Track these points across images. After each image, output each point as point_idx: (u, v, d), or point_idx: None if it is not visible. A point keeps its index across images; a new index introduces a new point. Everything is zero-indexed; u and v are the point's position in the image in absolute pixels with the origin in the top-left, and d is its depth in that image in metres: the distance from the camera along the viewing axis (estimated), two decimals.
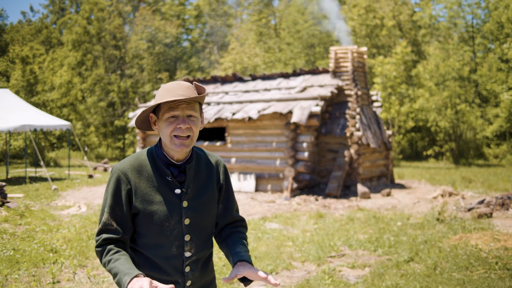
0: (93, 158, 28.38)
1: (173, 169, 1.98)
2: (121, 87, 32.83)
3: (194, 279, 2.01)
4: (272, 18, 39.80)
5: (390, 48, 30.66)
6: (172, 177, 1.96)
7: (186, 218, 1.97)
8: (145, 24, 33.95)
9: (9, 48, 33.39)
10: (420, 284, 4.99)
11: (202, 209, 2.02)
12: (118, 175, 1.94)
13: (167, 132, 1.92)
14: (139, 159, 1.99)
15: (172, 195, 1.96)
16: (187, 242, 1.98)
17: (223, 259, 6.02)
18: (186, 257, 1.98)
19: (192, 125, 1.93)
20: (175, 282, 1.97)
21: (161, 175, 1.97)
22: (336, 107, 13.61)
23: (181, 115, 1.92)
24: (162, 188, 1.95)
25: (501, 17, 26.26)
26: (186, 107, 1.92)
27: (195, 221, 2.00)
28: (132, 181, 1.94)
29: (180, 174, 1.98)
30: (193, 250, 1.99)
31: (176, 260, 1.97)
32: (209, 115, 13.63)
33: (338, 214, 9.64)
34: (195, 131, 1.94)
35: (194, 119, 1.94)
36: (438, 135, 27.28)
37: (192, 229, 1.99)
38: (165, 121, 1.93)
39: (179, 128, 1.91)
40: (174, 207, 1.96)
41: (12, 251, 6.04)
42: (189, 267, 1.99)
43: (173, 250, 1.96)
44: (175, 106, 1.91)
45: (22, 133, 22.39)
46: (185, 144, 1.92)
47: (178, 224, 1.96)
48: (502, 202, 9.43)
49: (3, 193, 9.43)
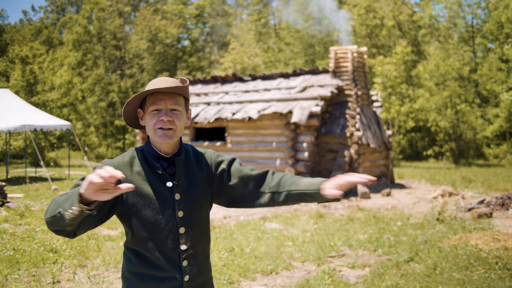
0: (93, 158, 28.38)
1: (163, 162, 1.98)
2: (121, 87, 32.84)
3: (192, 274, 2.00)
4: (272, 18, 39.80)
5: (390, 48, 30.66)
6: (162, 170, 1.97)
7: (179, 211, 1.97)
8: (146, 24, 33.95)
9: (9, 48, 33.40)
10: (420, 284, 4.99)
11: (195, 202, 2.02)
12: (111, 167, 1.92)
13: (150, 125, 1.94)
14: (129, 156, 2.00)
15: (164, 188, 1.97)
16: (182, 235, 1.97)
17: (223, 259, 6.02)
18: (182, 250, 1.97)
19: (174, 118, 1.94)
20: (173, 278, 1.96)
21: (152, 169, 1.97)
22: (336, 107, 13.61)
23: (164, 108, 1.93)
24: (153, 182, 1.96)
25: (501, 17, 26.26)
26: (169, 101, 1.94)
27: (189, 214, 2.00)
28: (122, 179, 1.91)
29: (170, 167, 1.99)
30: (189, 243, 1.99)
31: (172, 253, 1.96)
32: (209, 115, 13.62)
33: (338, 214, 9.64)
34: (178, 125, 1.95)
35: (177, 113, 1.96)
36: (438, 135, 27.28)
37: (187, 222, 1.99)
38: (149, 114, 1.95)
39: (161, 120, 1.92)
40: (167, 200, 1.96)
41: (12, 251, 6.04)
42: (186, 261, 1.98)
43: (168, 243, 1.96)
44: (158, 100, 1.93)
45: (22, 133, 22.40)
46: (167, 135, 1.93)
47: (171, 217, 1.96)
48: (502, 202, 9.43)
49: (3, 193, 9.43)
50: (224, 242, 6.97)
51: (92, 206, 1.67)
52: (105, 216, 1.90)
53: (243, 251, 6.44)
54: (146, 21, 33.96)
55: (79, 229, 1.80)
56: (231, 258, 6.10)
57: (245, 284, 5.17)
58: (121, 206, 1.94)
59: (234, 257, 6.13)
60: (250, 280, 5.31)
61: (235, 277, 5.33)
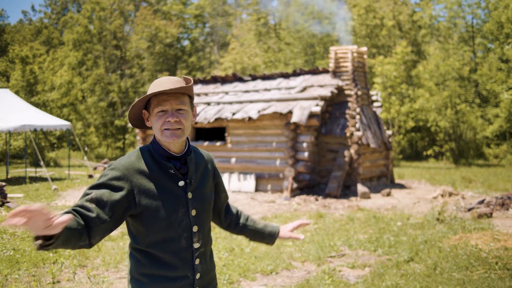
0: (93, 158, 28.38)
1: (175, 162, 1.99)
2: (121, 87, 32.83)
3: (203, 272, 2.04)
4: (271, 18, 39.80)
5: (390, 48, 30.66)
6: (175, 169, 1.98)
7: (192, 209, 2.00)
8: (146, 23, 33.96)
9: (9, 48, 33.40)
10: (420, 284, 4.99)
11: (205, 200, 2.07)
12: (118, 172, 1.89)
13: (157, 127, 1.94)
14: (136, 156, 1.98)
15: (177, 188, 1.98)
16: (195, 233, 2.00)
17: (223, 259, 6.03)
18: (195, 248, 2.00)
19: (181, 118, 1.94)
20: (185, 277, 1.98)
21: (163, 169, 1.97)
22: (336, 107, 13.61)
23: (170, 109, 1.93)
24: (165, 182, 1.96)
25: (501, 17, 26.26)
26: (174, 101, 1.93)
27: (201, 212, 2.03)
28: (133, 180, 1.91)
29: (182, 166, 2.00)
30: (201, 241, 2.03)
31: (186, 253, 1.98)
32: (209, 115, 13.62)
33: (338, 214, 9.64)
34: (185, 124, 1.96)
35: (183, 112, 1.96)
36: (438, 135, 27.28)
37: (199, 220, 2.02)
38: (155, 115, 1.95)
39: (168, 121, 1.92)
40: (180, 199, 1.97)
41: (12, 251, 6.04)
42: (198, 260, 2.01)
43: (182, 242, 1.97)
44: (163, 101, 1.93)
45: (22, 133, 22.40)
46: (175, 135, 1.93)
47: (185, 216, 1.98)
48: (502, 202, 9.43)
49: (3, 193, 9.43)
50: (224, 242, 6.97)
51: (51, 240, 1.62)
52: (119, 220, 1.90)
53: (243, 251, 6.45)
54: (146, 21, 33.96)
55: (93, 239, 1.80)
56: (231, 258, 6.11)
57: (245, 284, 5.17)
58: (134, 208, 1.92)
59: (234, 257, 6.13)
60: (250, 280, 5.31)
61: (235, 277, 5.33)
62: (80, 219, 1.76)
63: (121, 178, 1.90)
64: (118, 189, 1.88)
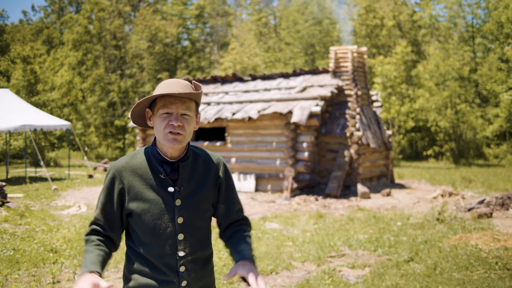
0: (93, 158, 28.38)
1: (166, 167, 1.97)
2: (121, 87, 32.84)
3: (190, 280, 1.98)
4: (272, 18, 39.79)
5: (390, 48, 30.66)
6: (165, 174, 1.95)
7: (179, 217, 1.95)
8: (145, 24, 33.96)
9: (10, 48, 33.39)
10: (420, 284, 4.99)
11: (197, 208, 1.99)
12: (113, 173, 1.97)
13: (160, 128, 1.92)
14: (135, 158, 1.99)
15: (165, 193, 1.95)
16: (180, 241, 1.95)
17: (223, 259, 6.02)
18: (180, 256, 1.96)
19: (185, 123, 1.92)
20: (170, 282, 1.95)
21: (155, 173, 1.96)
22: (336, 107, 13.61)
23: (175, 112, 1.91)
24: (155, 186, 1.94)
25: (501, 17, 26.26)
26: (181, 105, 1.91)
27: (189, 220, 1.97)
28: (125, 180, 1.95)
29: (173, 172, 1.97)
30: (188, 250, 1.97)
31: (169, 259, 1.95)
32: (209, 115, 13.62)
33: (338, 214, 9.64)
34: (188, 130, 1.93)
35: (188, 118, 1.93)
36: (438, 135, 27.28)
37: (186, 228, 1.96)
38: (159, 117, 1.93)
39: (171, 125, 1.90)
40: (167, 206, 1.94)
41: (12, 251, 6.04)
42: (184, 267, 1.96)
43: (166, 249, 1.94)
44: (169, 103, 1.91)
45: (22, 133, 22.39)
46: (177, 140, 1.91)
47: (170, 223, 1.94)
48: (502, 202, 9.43)
49: (3, 193, 9.43)
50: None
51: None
52: (126, 216, 2.02)
53: None
54: (146, 21, 33.96)
55: (117, 244, 2.04)
56: (231, 258, 6.10)
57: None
58: (125, 207, 1.97)
59: None
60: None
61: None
62: (104, 246, 1.96)
63: (116, 179, 1.96)
64: (115, 191, 1.97)
